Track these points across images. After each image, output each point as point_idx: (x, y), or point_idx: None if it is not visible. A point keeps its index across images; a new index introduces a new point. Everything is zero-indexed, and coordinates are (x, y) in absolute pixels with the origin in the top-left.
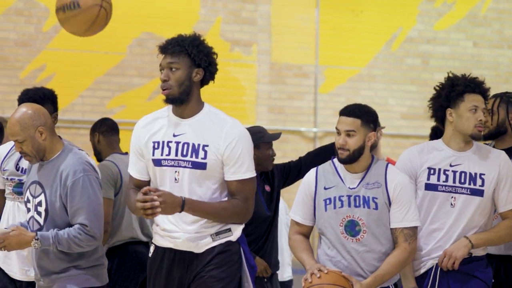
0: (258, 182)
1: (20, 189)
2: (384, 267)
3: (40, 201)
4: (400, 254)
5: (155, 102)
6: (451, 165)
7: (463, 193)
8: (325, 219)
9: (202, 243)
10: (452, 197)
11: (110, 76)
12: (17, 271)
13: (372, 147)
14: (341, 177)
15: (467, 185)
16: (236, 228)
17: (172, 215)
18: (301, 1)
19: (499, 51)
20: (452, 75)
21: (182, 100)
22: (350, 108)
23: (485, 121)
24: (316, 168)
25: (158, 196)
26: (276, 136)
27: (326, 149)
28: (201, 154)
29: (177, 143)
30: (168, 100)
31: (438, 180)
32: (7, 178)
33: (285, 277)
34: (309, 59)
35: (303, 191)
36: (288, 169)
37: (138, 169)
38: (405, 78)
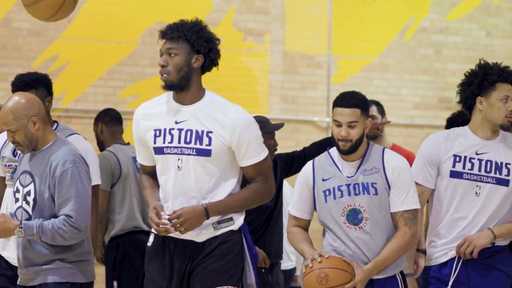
0: None
1: None
2: (384, 252)
3: (29, 191)
4: (400, 238)
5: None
6: (477, 153)
7: (488, 182)
8: (326, 210)
9: (204, 232)
10: (477, 185)
11: (123, 66)
12: (15, 258)
13: (377, 136)
14: (338, 166)
15: (492, 174)
16: (238, 217)
17: (174, 206)
18: None
19: None
20: (483, 62)
21: (182, 86)
22: (347, 99)
23: None
24: (313, 160)
25: (177, 217)
26: (278, 126)
27: (331, 139)
28: (206, 140)
29: (180, 130)
30: (166, 86)
31: (464, 168)
32: (6, 165)
33: (287, 265)
34: (322, 49)
35: (301, 184)
36: (291, 159)
37: (143, 155)
38: (418, 67)
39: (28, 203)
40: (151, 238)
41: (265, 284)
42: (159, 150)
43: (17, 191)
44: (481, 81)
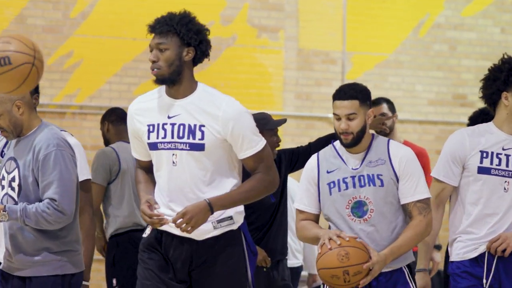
0: None
1: None
2: (401, 238)
3: (13, 177)
4: (416, 226)
5: None
6: (504, 149)
7: None
8: (331, 203)
9: (203, 229)
10: (506, 181)
11: (138, 62)
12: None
13: (385, 132)
14: (343, 159)
15: None
16: (238, 216)
17: (170, 202)
18: None
19: None
20: (507, 56)
21: (173, 80)
22: (344, 91)
23: None
24: (317, 153)
25: (182, 215)
26: (280, 122)
27: (336, 134)
28: (198, 135)
29: (173, 124)
30: (158, 81)
31: (491, 163)
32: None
33: (294, 263)
34: (337, 45)
35: (306, 178)
36: (296, 155)
37: (139, 150)
38: (432, 64)
39: (13, 189)
40: (147, 230)
41: (270, 281)
42: (153, 146)
43: (3, 178)
44: (507, 76)
